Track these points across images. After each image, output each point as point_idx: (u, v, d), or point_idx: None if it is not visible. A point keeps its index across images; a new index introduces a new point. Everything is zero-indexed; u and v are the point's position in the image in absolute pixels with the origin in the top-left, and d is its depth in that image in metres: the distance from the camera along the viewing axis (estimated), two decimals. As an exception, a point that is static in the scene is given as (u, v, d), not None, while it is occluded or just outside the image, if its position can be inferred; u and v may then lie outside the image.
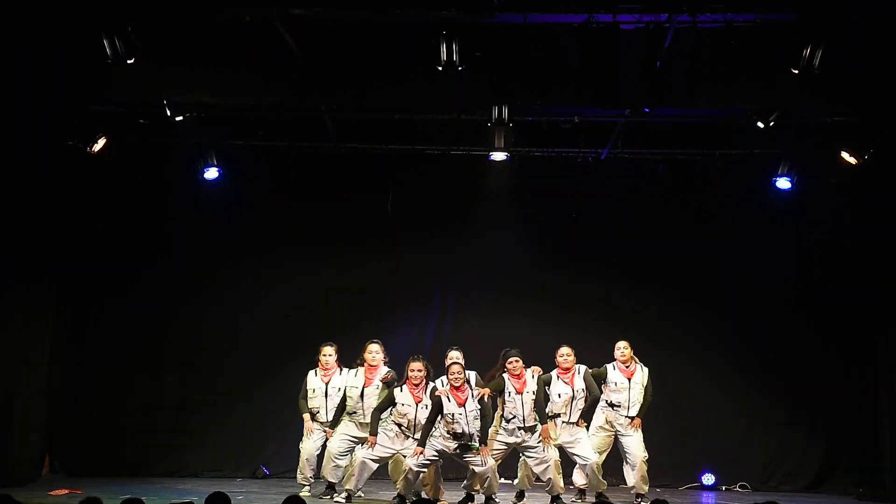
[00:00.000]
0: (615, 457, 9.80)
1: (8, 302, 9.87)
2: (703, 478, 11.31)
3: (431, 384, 9.17)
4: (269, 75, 8.95)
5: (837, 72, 8.54)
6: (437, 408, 8.89)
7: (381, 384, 9.42)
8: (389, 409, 9.16)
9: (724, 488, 11.23)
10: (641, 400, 9.59)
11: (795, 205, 11.20)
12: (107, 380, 11.32)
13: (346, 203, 11.63)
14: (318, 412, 9.76)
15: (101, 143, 10.37)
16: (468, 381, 9.03)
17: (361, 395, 9.49)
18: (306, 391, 9.87)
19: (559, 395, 9.31)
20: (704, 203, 11.50)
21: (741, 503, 10.31)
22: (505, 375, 9.23)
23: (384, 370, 9.54)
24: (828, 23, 8.23)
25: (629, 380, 9.58)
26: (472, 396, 8.91)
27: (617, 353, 9.70)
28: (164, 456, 11.25)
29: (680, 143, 10.95)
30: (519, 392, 9.10)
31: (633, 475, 9.48)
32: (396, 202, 11.50)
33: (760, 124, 9.79)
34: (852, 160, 10.31)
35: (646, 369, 9.69)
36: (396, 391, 9.16)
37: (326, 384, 9.78)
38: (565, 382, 9.34)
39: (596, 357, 9.80)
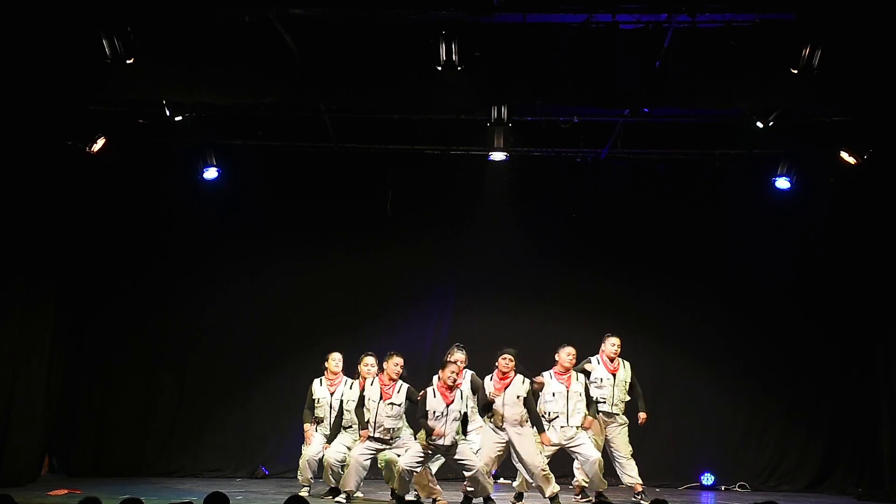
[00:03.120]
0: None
1: (8, 302, 9.87)
2: (702, 478, 11.30)
3: (406, 384, 9.24)
4: (269, 75, 8.94)
5: (837, 72, 8.53)
6: (424, 404, 8.84)
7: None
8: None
9: (723, 488, 11.22)
10: (625, 396, 9.60)
11: (795, 205, 11.20)
12: (106, 380, 11.31)
13: (346, 203, 11.63)
14: (323, 421, 9.79)
15: (101, 143, 10.38)
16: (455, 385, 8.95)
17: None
18: (312, 401, 9.89)
19: (553, 395, 9.28)
20: (704, 203, 11.51)
21: (741, 503, 10.31)
22: (488, 376, 9.18)
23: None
24: (827, 23, 8.22)
25: (613, 376, 9.58)
26: (461, 398, 8.86)
27: (611, 349, 9.64)
28: (163, 456, 11.25)
29: (679, 143, 10.96)
30: (496, 393, 9.03)
31: (628, 471, 9.51)
32: (396, 202, 11.50)
33: (760, 124, 9.80)
34: (852, 160, 10.32)
35: (628, 364, 9.68)
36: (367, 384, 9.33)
37: (332, 394, 9.80)
38: (560, 382, 9.32)
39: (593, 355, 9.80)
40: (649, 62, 8.68)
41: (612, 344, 9.66)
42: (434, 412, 8.75)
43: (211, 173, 11.03)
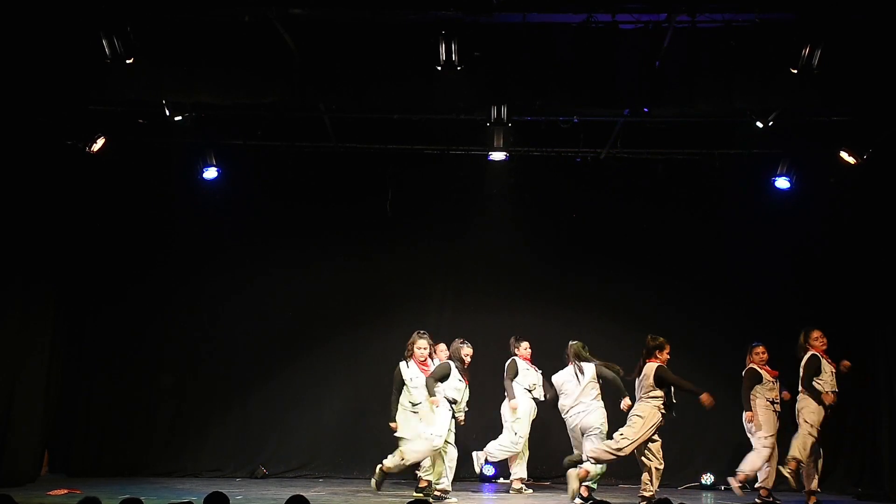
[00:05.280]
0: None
1: (7, 302, 9.88)
2: (702, 478, 11.30)
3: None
4: (269, 75, 8.94)
5: (837, 72, 8.53)
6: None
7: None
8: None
9: (723, 488, 11.20)
10: None
11: (794, 204, 11.19)
12: (106, 380, 11.32)
13: (346, 203, 11.63)
14: (419, 404, 9.69)
15: (101, 142, 10.37)
16: None
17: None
18: (402, 383, 9.77)
19: None
20: (704, 203, 11.51)
21: (741, 503, 10.30)
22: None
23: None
24: (828, 23, 8.22)
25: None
26: None
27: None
28: (163, 456, 11.25)
29: (679, 143, 10.96)
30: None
31: None
32: (396, 202, 11.49)
33: (760, 124, 9.79)
34: (851, 160, 10.32)
35: None
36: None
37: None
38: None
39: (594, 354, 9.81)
40: (649, 62, 8.68)
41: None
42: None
43: (211, 173, 11.03)
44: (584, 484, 9.24)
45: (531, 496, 10.18)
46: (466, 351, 9.76)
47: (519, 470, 10.34)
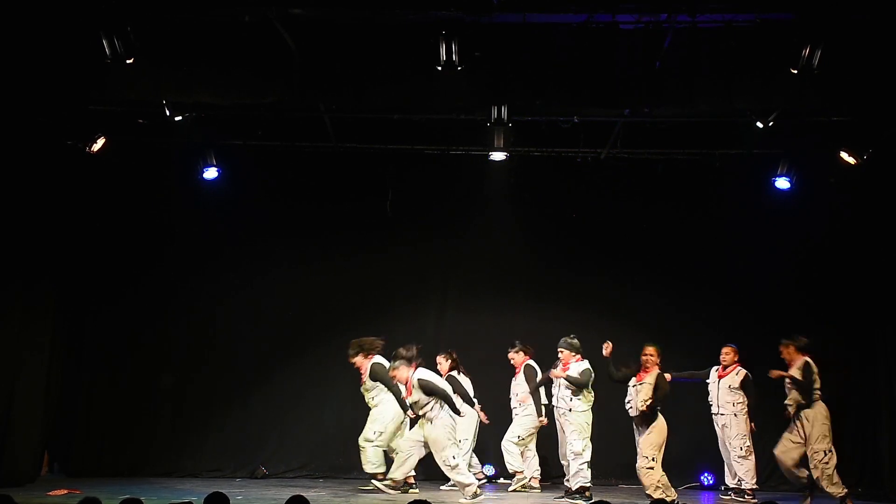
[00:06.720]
0: (615, 456, 9.79)
1: (7, 302, 9.87)
2: (702, 478, 11.30)
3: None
4: (269, 75, 8.95)
5: (837, 72, 8.54)
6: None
7: None
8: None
9: (723, 488, 11.21)
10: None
11: (794, 204, 11.19)
12: (106, 380, 11.31)
13: (346, 203, 11.63)
14: None
15: (101, 143, 10.37)
16: None
17: None
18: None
19: None
20: (704, 203, 11.51)
21: (741, 502, 10.30)
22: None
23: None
24: (828, 23, 8.23)
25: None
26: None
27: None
28: (163, 456, 11.25)
29: (679, 143, 10.95)
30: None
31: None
32: (396, 202, 11.50)
33: (760, 124, 9.80)
34: (851, 160, 10.32)
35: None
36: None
37: None
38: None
39: (594, 355, 9.80)
40: (649, 62, 8.69)
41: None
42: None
43: (211, 173, 11.03)
44: None
45: (533, 496, 10.19)
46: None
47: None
